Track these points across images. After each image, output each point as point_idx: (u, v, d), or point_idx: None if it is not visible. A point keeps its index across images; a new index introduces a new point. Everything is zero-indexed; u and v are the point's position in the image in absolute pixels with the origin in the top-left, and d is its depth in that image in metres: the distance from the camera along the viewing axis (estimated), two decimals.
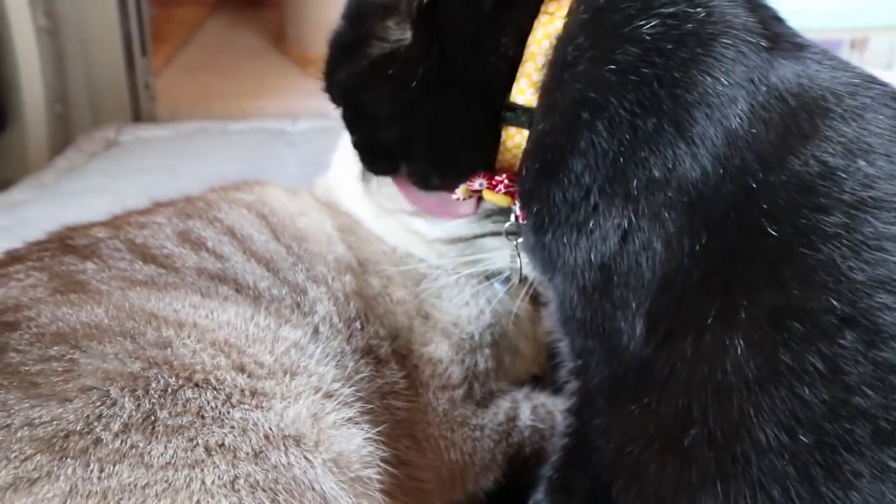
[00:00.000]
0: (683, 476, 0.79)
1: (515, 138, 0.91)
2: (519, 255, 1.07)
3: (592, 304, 0.85)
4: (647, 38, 0.81)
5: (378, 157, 1.00)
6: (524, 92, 0.89)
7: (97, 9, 2.26)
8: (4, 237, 1.30)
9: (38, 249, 1.01)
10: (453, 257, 1.12)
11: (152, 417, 0.80)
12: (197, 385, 0.83)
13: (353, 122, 0.99)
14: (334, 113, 1.12)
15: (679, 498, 0.79)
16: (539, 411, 1.13)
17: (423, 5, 0.88)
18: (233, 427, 0.82)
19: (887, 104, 0.81)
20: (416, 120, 0.93)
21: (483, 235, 1.10)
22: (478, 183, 0.95)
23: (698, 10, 0.82)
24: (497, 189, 0.94)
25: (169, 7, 3.30)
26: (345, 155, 1.19)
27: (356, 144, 1.00)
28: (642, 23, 0.82)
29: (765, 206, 0.77)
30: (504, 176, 0.94)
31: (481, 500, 1.11)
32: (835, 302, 0.73)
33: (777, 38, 0.84)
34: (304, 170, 1.33)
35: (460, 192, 0.98)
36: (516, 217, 0.98)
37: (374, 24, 0.92)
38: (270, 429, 0.83)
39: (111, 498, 0.76)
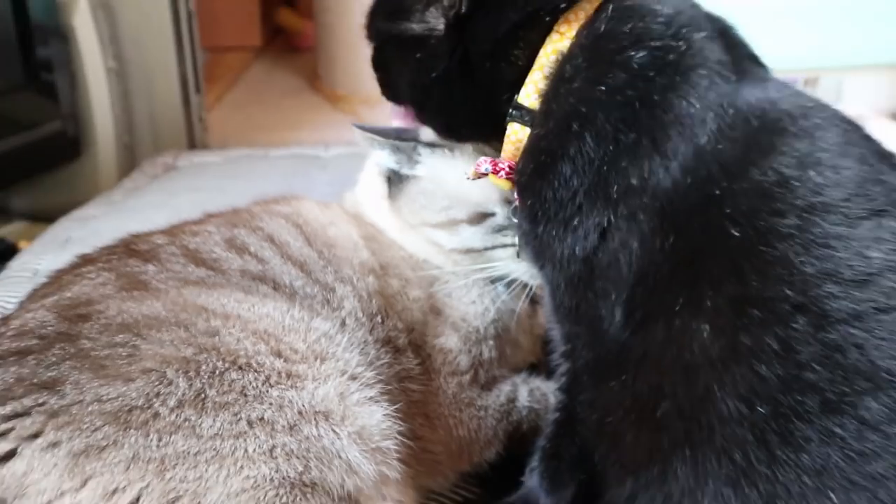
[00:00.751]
0: (656, 443, 0.79)
1: (518, 133, 0.91)
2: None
3: (578, 294, 0.86)
4: (636, 66, 0.82)
5: (389, 89, 1.00)
6: (530, 96, 0.89)
7: (158, 53, 2.27)
8: (80, 245, 1.32)
9: (107, 253, 1.02)
10: (466, 265, 1.12)
11: (202, 395, 0.81)
12: (240, 368, 0.84)
13: (378, 64, 1.00)
14: (359, 142, 1.14)
15: (653, 462, 0.79)
16: (535, 393, 1.13)
17: (459, 14, 0.89)
18: (271, 404, 0.82)
19: (836, 125, 0.81)
20: (429, 99, 0.94)
21: (493, 248, 1.10)
22: (483, 167, 0.95)
23: (680, 43, 0.83)
24: (499, 174, 0.94)
25: (219, 52, 3.31)
26: (371, 175, 1.20)
27: (377, 75, 1.01)
28: (633, 53, 0.83)
29: (728, 210, 0.77)
30: (507, 164, 0.94)
31: (486, 470, 1.11)
32: (788, 291, 0.73)
33: (745, 71, 0.85)
34: (334, 188, 1.33)
35: (470, 173, 0.98)
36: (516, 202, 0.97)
37: (420, 4, 0.92)
38: (303, 405, 0.84)
39: (168, 463, 0.77)
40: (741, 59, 0.86)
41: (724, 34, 0.86)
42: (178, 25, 2.27)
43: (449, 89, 0.91)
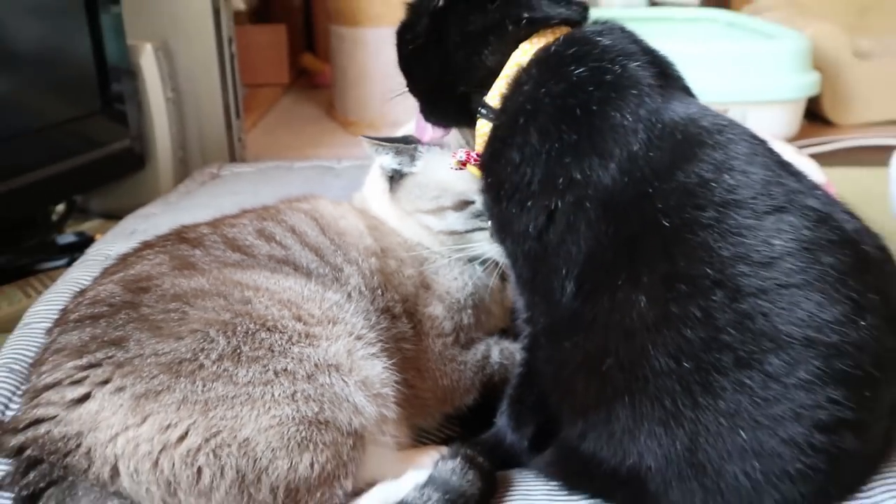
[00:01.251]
0: (602, 391, 0.78)
1: (484, 128, 0.89)
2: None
3: (534, 267, 0.84)
4: (575, 78, 0.81)
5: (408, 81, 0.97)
6: (494, 98, 0.87)
7: (207, 87, 2.26)
8: (143, 235, 1.29)
9: (162, 240, 1.01)
10: (450, 245, 1.11)
11: (238, 351, 0.80)
12: (268, 329, 0.83)
13: (400, 61, 0.97)
14: (367, 149, 1.12)
15: (599, 407, 0.79)
16: (505, 352, 1.11)
17: (437, 8, 0.88)
18: (293, 358, 0.82)
19: (745, 139, 0.81)
20: (418, 72, 0.93)
21: (473, 230, 1.08)
22: (458, 155, 0.94)
23: (616, 67, 0.82)
24: (471, 162, 0.94)
25: (255, 87, 3.30)
26: (376, 176, 1.18)
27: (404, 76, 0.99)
28: (573, 68, 0.82)
29: (659, 205, 0.76)
30: (475, 153, 0.92)
31: (465, 413, 1.10)
32: (709, 270, 0.73)
33: (673, 95, 0.83)
34: (346, 192, 1.31)
35: (454, 162, 0.96)
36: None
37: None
38: (318, 360, 0.83)
39: (210, 405, 0.77)
40: (673, 88, 0.85)
41: (659, 65, 0.85)
42: (223, 65, 2.27)
43: (429, 68, 0.90)
